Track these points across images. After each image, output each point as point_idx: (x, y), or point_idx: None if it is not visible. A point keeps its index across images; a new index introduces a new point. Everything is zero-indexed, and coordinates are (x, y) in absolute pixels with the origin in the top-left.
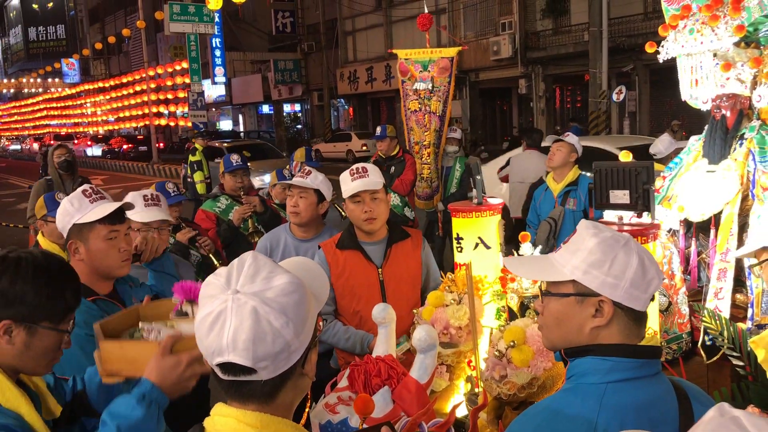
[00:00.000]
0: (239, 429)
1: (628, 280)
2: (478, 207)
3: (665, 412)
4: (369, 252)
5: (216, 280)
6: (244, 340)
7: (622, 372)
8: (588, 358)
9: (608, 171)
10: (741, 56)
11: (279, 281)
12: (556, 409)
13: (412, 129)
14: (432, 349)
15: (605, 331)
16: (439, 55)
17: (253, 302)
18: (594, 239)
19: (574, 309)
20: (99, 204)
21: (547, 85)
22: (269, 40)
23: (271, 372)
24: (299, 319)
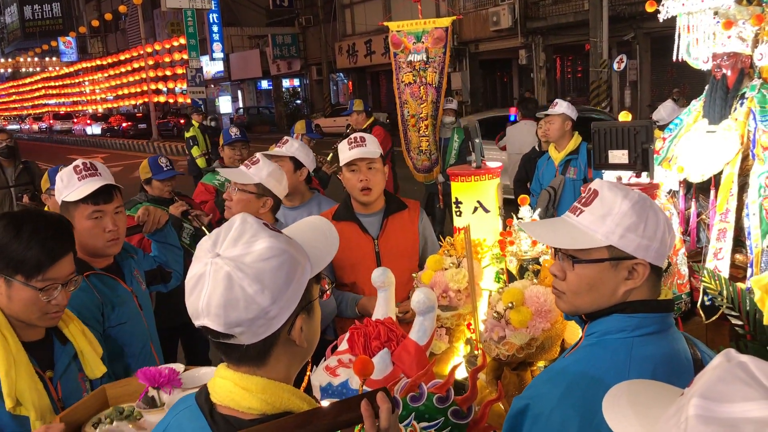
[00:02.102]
0: (236, 392)
1: (659, 240)
2: (476, 171)
3: (685, 362)
4: (365, 223)
5: (206, 242)
6: (215, 305)
7: (647, 327)
8: (613, 316)
9: (607, 131)
10: (742, 14)
11: (259, 246)
12: (585, 366)
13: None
14: (431, 311)
15: (637, 292)
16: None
17: (227, 267)
18: (627, 201)
19: (608, 273)
20: (86, 182)
21: (548, 56)
22: (267, 15)
23: (250, 337)
24: (277, 285)
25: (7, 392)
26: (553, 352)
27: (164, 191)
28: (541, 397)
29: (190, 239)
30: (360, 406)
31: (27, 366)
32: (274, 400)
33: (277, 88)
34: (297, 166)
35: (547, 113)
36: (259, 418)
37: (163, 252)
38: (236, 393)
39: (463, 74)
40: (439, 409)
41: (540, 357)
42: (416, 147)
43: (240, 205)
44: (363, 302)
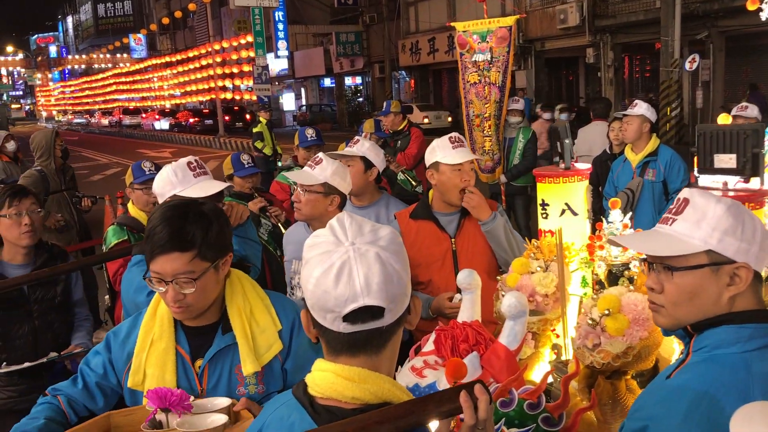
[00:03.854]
0: (337, 383)
1: (758, 243)
2: (565, 172)
3: None
4: (443, 222)
5: (323, 239)
6: (377, 282)
7: (761, 339)
8: (723, 327)
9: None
10: None
11: (384, 232)
12: (703, 388)
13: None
14: (522, 316)
15: (742, 298)
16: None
17: (374, 249)
18: (721, 205)
19: (709, 280)
20: (202, 179)
21: (616, 54)
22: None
23: (393, 315)
24: (407, 265)
25: (134, 370)
26: (648, 362)
27: (245, 187)
28: (660, 418)
29: (267, 235)
30: (459, 397)
31: (166, 352)
32: (376, 389)
33: (339, 85)
34: (367, 165)
35: (626, 113)
36: (361, 408)
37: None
38: (339, 383)
39: (528, 73)
40: (530, 416)
41: (636, 366)
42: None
43: (309, 206)
44: (436, 303)
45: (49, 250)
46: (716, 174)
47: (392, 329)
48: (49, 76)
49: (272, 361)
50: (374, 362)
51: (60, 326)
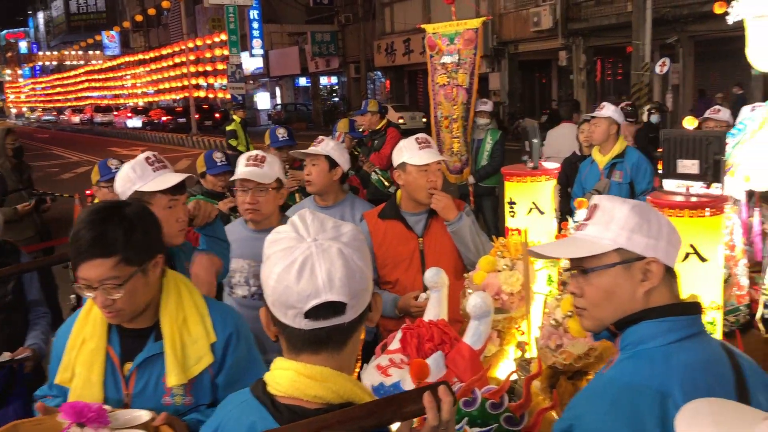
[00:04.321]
0: (299, 381)
1: (665, 238)
2: (532, 171)
3: (722, 368)
4: (410, 222)
5: (285, 235)
6: (339, 278)
7: (679, 331)
8: (642, 323)
9: (678, 139)
10: None
11: (346, 228)
12: (625, 381)
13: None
14: (487, 316)
15: (657, 292)
16: (464, 27)
17: (336, 245)
18: (626, 206)
19: (623, 277)
20: (162, 173)
21: (588, 57)
22: (306, 12)
23: (356, 311)
24: (369, 260)
25: (63, 367)
26: None
27: (217, 185)
28: (584, 417)
29: None
30: (422, 398)
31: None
32: (338, 388)
33: (314, 85)
34: (332, 165)
35: (594, 115)
36: (324, 407)
37: (212, 246)
38: (301, 382)
39: (502, 75)
40: (492, 415)
41: (597, 367)
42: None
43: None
44: (402, 302)
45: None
46: (679, 179)
47: (354, 326)
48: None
49: (202, 374)
50: (336, 360)
51: (12, 326)
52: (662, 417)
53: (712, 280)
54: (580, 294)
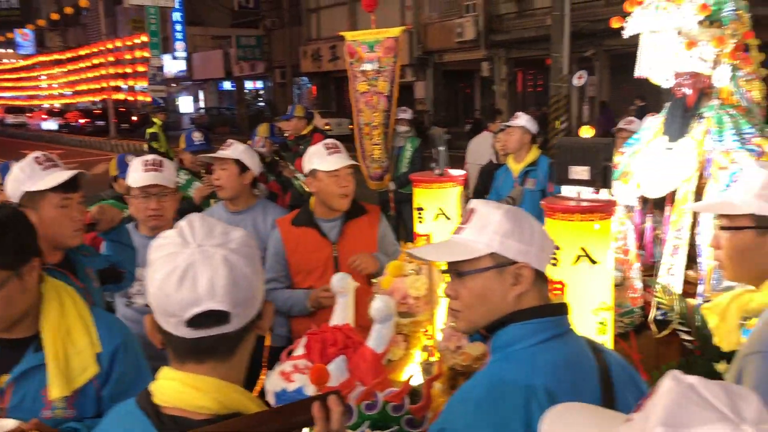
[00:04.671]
0: (184, 392)
1: (537, 244)
2: (439, 178)
3: (587, 365)
4: (324, 228)
5: (169, 240)
6: (222, 285)
7: (544, 332)
8: (510, 326)
9: (570, 147)
10: (704, 35)
11: (236, 234)
12: (492, 381)
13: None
14: (389, 320)
15: (527, 296)
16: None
17: (222, 251)
18: (500, 211)
19: (495, 281)
20: (51, 172)
21: (510, 69)
22: (232, 16)
23: (241, 320)
24: (259, 268)
25: None
26: None
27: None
28: (453, 418)
29: None
30: (312, 408)
31: None
32: (225, 399)
33: (239, 89)
34: (242, 169)
35: (508, 125)
36: (210, 418)
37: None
38: (186, 393)
39: (427, 84)
40: (393, 418)
41: None
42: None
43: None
44: (314, 294)
45: None
46: (572, 184)
47: (241, 335)
48: None
49: (86, 386)
50: (223, 369)
51: None
52: (527, 416)
53: (602, 282)
54: (455, 296)
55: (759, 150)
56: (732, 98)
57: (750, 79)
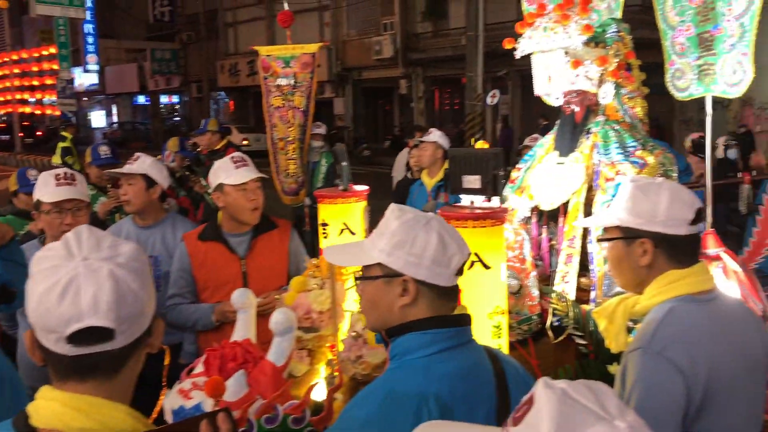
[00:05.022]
0: (64, 414)
1: (429, 258)
2: (343, 193)
3: (484, 374)
4: (233, 243)
5: (53, 252)
6: (106, 301)
7: (441, 342)
8: (408, 335)
9: (462, 157)
10: (589, 55)
11: (125, 248)
12: (386, 390)
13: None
14: (289, 332)
15: (413, 308)
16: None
17: (109, 266)
18: (396, 221)
19: (383, 290)
20: None
21: (427, 87)
22: (146, 29)
23: (127, 337)
24: (149, 283)
25: None
26: None
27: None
28: (346, 426)
29: None
30: (200, 426)
31: None
32: (108, 420)
33: (154, 103)
34: (149, 184)
35: (421, 140)
36: None
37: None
38: (66, 414)
39: (346, 100)
40: (294, 430)
41: None
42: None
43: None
44: (220, 308)
45: None
46: (465, 193)
47: (127, 353)
48: None
49: None
50: (107, 388)
51: None
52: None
53: (496, 287)
54: (360, 296)
55: (642, 162)
56: (617, 114)
57: (633, 96)
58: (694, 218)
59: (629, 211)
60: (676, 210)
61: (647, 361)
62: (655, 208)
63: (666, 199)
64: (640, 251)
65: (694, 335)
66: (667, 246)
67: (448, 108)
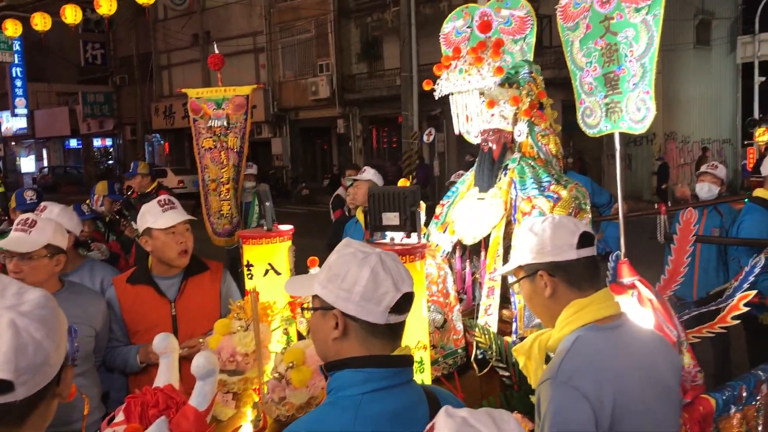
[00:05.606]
0: None
1: (358, 293)
2: (268, 233)
3: (417, 416)
4: (162, 286)
5: None
6: (4, 352)
7: (375, 382)
8: (345, 371)
9: (381, 195)
10: (503, 95)
11: (31, 295)
12: (314, 426)
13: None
14: (211, 375)
15: (345, 343)
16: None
17: (9, 315)
18: (334, 255)
19: (320, 322)
20: None
21: (364, 126)
22: (78, 72)
23: (29, 388)
24: (56, 332)
25: None
26: None
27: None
28: None
29: None
30: None
31: None
32: None
33: (87, 147)
34: None
35: (355, 179)
36: None
37: None
38: None
39: (284, 140)
40: None
41: None
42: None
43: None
44: (143, 349)
45: None
46: (385, 230)
47: (31, 404)
48: None
49: None
50: None
51: None
52: None
53: (417, 322)
54: None
55: (556, 196)
56: (532, 151)
57: (546, 134)
58: (579, 242)
59: (524, 250)
60: (559, 238)
61: (555, 391)
62: (542, 241)
63: (549, 231)
64: (542, 284)
65: (600, 362)
66: (562, 273)
67: (386, 146)
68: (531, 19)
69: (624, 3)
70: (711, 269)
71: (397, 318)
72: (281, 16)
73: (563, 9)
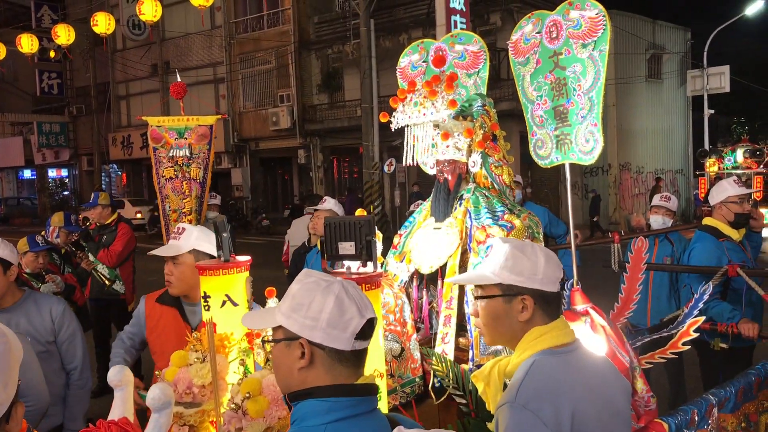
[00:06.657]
0: None
1: (324, 320)
2: (225, 264)
3: None
4: (188, 312)
5: None
6: None
7: (339, 411)
8: (309, 400)
9: (337, 225)
10: (457, 127)
11: None
12: None
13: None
14: (167, 407)
15: (311, 372)
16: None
17: None
18: (296, 285)
19: (284, 353)
20: None
21: (325, 156)
22: (33, 102)
23: None
24: (5, 371)
25: None
26: None
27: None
28: None
29: None
30: None
31: None
32: None
33: (41, 178)
34: (5, 266)
35: (316, 209)
36: None
37: None
38: None
39: (244, 170)
40: None
41: None
42: None
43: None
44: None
45: None
46: (340, 259)
47: None
48: None
49: None
50: None
51: None
52: None
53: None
54: None
55: (510, 225)
56: (486, 181)
57: (499, 165)
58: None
59: (510, 270)
60: (551, 269)
61: (513, 414)
62: (535, 267)
63: (543, 259)
64: (519, 307)
65: (557, 385)
66: (543, 302)
67: (347, 176)
68: (484, 54)
69: (572, 39)
70: (663, 297)
71: (362, 344)
72: (242, 47)
73: (514, 44)
